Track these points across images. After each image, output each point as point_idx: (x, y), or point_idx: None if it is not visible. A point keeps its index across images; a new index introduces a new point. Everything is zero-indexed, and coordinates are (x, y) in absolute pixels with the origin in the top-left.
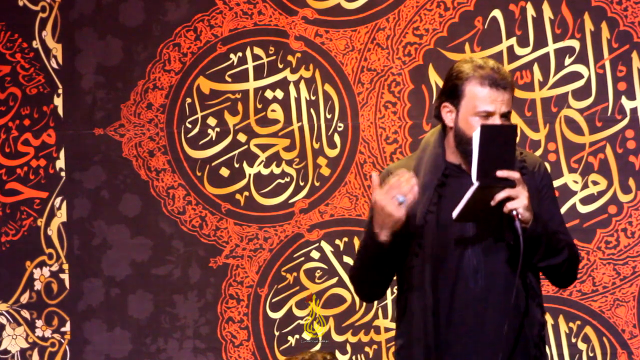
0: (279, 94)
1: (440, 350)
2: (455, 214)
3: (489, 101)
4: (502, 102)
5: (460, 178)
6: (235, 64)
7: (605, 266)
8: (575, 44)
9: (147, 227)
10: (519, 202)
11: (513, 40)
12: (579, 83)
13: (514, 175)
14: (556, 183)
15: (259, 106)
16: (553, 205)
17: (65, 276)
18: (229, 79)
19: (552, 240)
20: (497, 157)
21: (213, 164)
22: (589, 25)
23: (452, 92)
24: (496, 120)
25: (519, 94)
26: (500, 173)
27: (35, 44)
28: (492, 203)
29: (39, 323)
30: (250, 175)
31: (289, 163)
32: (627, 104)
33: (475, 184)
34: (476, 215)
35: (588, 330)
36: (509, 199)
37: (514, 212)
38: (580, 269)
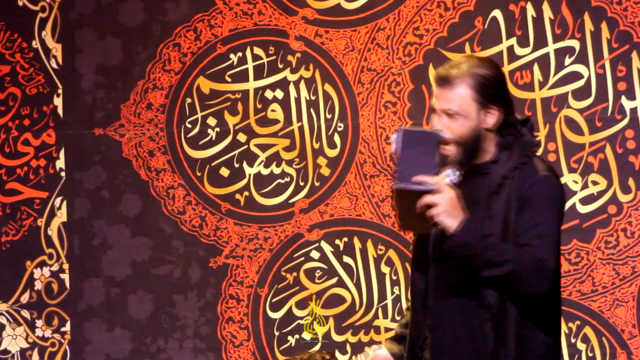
0: (279, 94)
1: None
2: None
3: (434, 97)
4: (443, 98)
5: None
6: (235, 64)
7: (604, 266)
8: (575, 44)
9: (147, 227)
10: (437, 209)
11: (513, 40)
12: (579, 83)
13: (429, 181)
14: None
15: (259, 106)
16: (536, 217)
17: (65, 276)
18: (229, 79)
19: (486, 252)
20: (418, 162)
21: (213, 164)
22: (589, 25)
23: None
24: (439, 118)
25: (519, 94)
26: (416, 178)
27: (35, 44)
28: (418, 210)
29: (39, 323)
30: (250, 175)
31: (289, 163)
32: (627, 104)
33: (394, 187)
34: (418, 224)
35: (587, 330)
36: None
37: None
38: (580, 269)
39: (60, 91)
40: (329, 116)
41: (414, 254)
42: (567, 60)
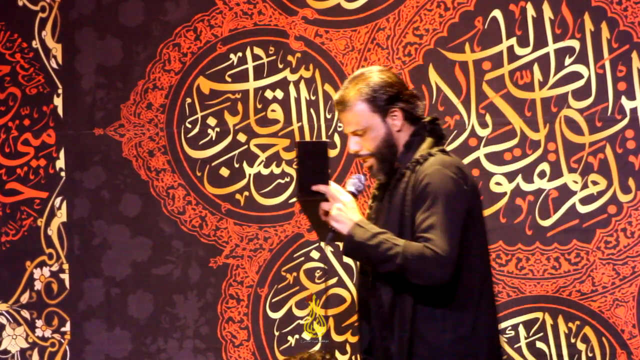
0: (279, 94)
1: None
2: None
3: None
4: (346, 122)
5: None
6: (235, 64)
7: (604, 266)
8: (575, 44)
9: (147, 227)
10: (331, 215)
11: (513, 40)
12: (579, 83)
13: (323, 189)
14: (556, 183)
15: (259, 106)
16: (426, 210)
17: (65, 276)
18: (229, 79)
19: (377, 249)
20: (313, 172)
21: (213, 164)
22: (589, 25)
23: None
24: (351, 140)
25: (519, 94)
26: (314, 187)
27: (35, 44)
28: (323, 218)
29: (39, 323)
30: (250, 175)
31: (289, 163)
32: (627, 104)
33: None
34: (325, 231)
35: (587, 330)
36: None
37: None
38: (579, 269)
39: (60, 91)
40: (329, 116)
41: (359, 268)
42: (567, 60)
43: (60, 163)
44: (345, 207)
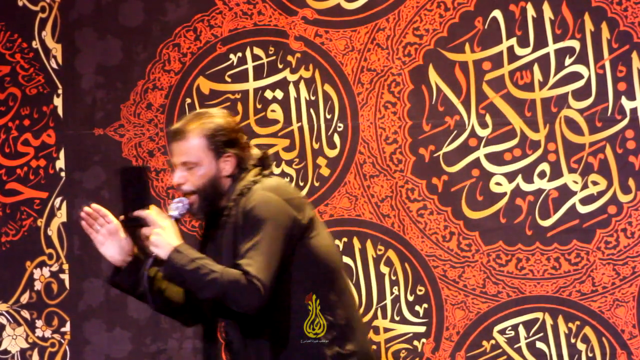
0: (279, 94)
1: None
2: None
3: (170, 154)
4: (178, 152)
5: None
6: (235, 64)
7: (604, 266)
8: (575, 44)
9: None
10: (150, 240)
11: (513, 41)
12: (579, 83)
13: (142, 214)
14: (556, 183)
15: (259, 106)
16: (245, 240)
17: (65, 276)
18: (228, 79)
19: (195, 274)
20: (134, 198)
21: None
22: (589, 26)
23: None
24: (179, 171)
25: (519, 94)
26: (135, 213)
27: (35, 44)
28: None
29: (39, 323)
30: None
31: (289, 163)
32: (627, 104)
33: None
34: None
35: (587, 330)
36: None
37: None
38: (580, 269)
39: (60, 91)
40: (328, 116)
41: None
42: (567, 61)
43: (60, 163)
44: (164, 231)
